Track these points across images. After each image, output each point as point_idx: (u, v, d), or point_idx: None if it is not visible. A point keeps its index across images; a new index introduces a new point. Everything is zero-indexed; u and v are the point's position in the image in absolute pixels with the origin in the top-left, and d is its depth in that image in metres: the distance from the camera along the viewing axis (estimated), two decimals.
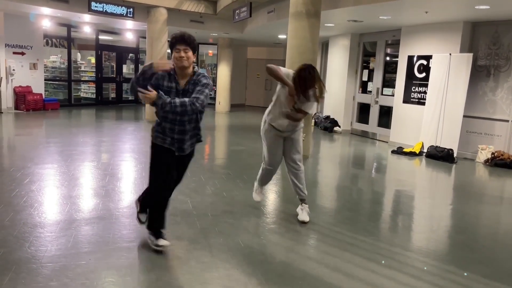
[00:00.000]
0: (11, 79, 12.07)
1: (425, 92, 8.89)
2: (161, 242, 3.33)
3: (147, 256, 3.28)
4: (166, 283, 2.92)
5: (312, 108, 4.14)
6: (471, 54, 8.02)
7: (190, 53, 3.18)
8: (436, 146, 8.26)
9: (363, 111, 11.27)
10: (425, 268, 3.33)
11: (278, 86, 4.10)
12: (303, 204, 4.29)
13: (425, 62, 8.96)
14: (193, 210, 4.41)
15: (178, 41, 3.17)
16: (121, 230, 3.75)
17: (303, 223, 4.14)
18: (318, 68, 12.61)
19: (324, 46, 13.30)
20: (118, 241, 3.52)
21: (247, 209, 4.57)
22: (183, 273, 3.05)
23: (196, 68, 3.33)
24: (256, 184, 4.59)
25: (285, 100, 4.00)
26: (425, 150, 8.49)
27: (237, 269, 3.14)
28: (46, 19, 12.27)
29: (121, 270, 3.03)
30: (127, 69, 16.47)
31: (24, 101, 12.20)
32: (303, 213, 4.22)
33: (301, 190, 4.26)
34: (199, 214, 4.29)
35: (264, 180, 4.53)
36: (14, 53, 12.07)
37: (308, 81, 3.85)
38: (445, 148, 8.07)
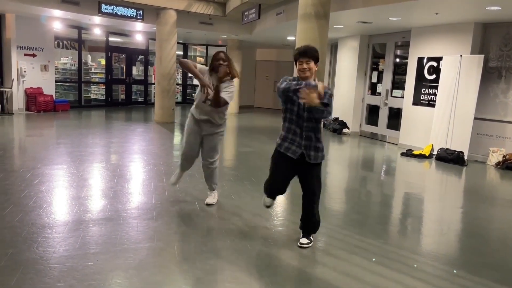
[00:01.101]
0: (23, 81, 12.21)
1: (435, 94, 8.81)
2: (303, 240, 3.65)
3: (154, 258, 3.28)
4: (172, 285, 2.92)
5: (230, 94, 4.27)
6: (482, 56, 7.93)
7: (311, 64, 3.42)
8: (446, 149, 8.18)
9: (372, 113, 11.20)
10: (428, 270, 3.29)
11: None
12: (212, 192, 4.72)
13: (435, 64, 8.88)
14: (201, 212, 4.41)
15: (300, 55, 3.45)
16: (129, 232, 3.76)
17: (207, 205, 4.58)
18: (327, 69, 12.63)
19: (333, 48, 13.26)
20: (126, 242, 3.53)
21: (255, 211, 4.55)
22: (190, 275, 3.04)
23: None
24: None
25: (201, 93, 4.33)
26: (435, 153, 8.41)
27: (243, 272, 3.12)
28: (57, 21, 12.40)
29: (128, 271, 3.03)
30: (136, 70, 16.58)
31: (35, 102, 12.32)
32: (210, 197, 4.68)
33: (212, 183, 4.69)
34: (207, 216, 4.29)
35: (183, 165, 4.75)
36: (25, 54, 12.22)
37: (216, 54, 4.30)
38: (456, 151, 7.98)
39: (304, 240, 3.65)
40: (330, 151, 9.14)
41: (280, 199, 5.16)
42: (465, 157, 7.92)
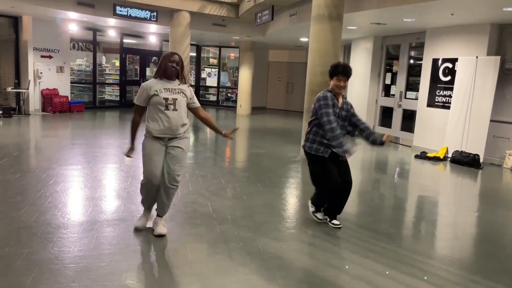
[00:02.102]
0: (39, 82, 12.39)
1: (450, 96, 8.70)
2: (335, 222, 4.20)
3: (167, 259, 3.30)
4: (185, 287, 2.93)
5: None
6: (498, 57, 7.81)
7: (347, 83, 4.05)
8: (462, 151, 8.07)
9: (386, 115, 11.11)
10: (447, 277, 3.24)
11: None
12: (159, 217, 3.81)
13: (450, 65, 8.77)
14: (213, 213, 4.42)
15: (340, 73, 3.98)
16: (142, 233, 3.79)
17: (160, 236, 3.67)
18: None
19: (347, 49, 13.19)
20: (139, 243, 3.56)
21: (267, 213, 4.55)
22: (202, 277, 3.05)
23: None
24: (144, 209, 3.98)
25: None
26: (449, 155, 8.31)
27: (256, 274, 3.12)
28: (73, 23, 12.57)
29: (141, 272, 3.06)
30: (150, 72, 16.70)
31: (51, 103, 12.50)
32: (158, 226, 3.72)
33: (165, 207, 3.79)
34: (219, 217, 4.30)
35: (147, 200, 3.86)
36: (42, 56, 12.40)
37: (170, 55, 3.66)
38: (471, 153, 7.87)
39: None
40: None
41: (293, 201, 5.16)
42: (481, 160, 7.80)
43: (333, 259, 3.52)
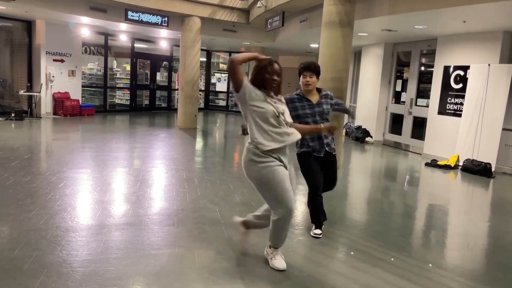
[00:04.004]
0: (51, 86, 12.53)
1: (461, 104, 8.62)
2: (316, 232, 4.10)
3: (174, 265, 3.29)
4: None
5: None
6: (511, 65, 7.72)
7: (314, 78, 4.02)
8: (473, 160, 7.97)
9: (396, 122, 11.03)
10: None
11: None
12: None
13: (462, 73, 8.70)
14: (221, 219, 4.40)
15: (304, 69, 4.00)
16: (150, 237, 3.79)
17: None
18: (350, 77, 12.52)
19: (357, 55, 13.15)
20: (147, 248, 3.55)
21: None
22: (210, 283, 3.03)
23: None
24: (268, 249, 3.41)
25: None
26: (460, 164, 8.21)
27: (263, 281, 3.10)
28: (85, 27, 12.71)
29: (148, 277, 3.05)
30: (160, 76, 16.82)
31: (62, 107, 12.63)
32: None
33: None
34: (227, 223, 4.28)
35: (284, 235, 3.31)
36: (54, 60, 12.55)
37: (271, 65, 3.20)
38: (482, 162, 7.77)
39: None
40: (352, 160, 9.04)
41: (302, 208, 5.12)
42: (493, 169, 7.70)
43: (342, 267, 3.48)
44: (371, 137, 11.37)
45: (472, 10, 6.48)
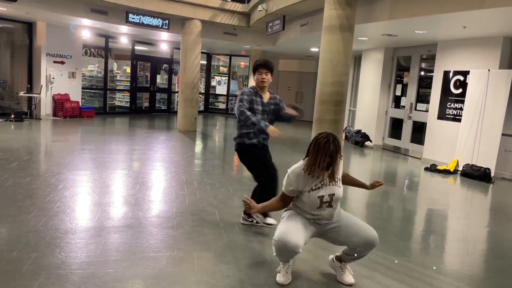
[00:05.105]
0: (51, 87, 12.54)
1: (461, 109, 8.63)
2: (269, 220, 4.25)
3: (173, 268, 3.28)
4: None
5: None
6: (511, 71, 7.74)
7: (269, 76, 4.18)
8: (472, 165, 7.98)
9: (395, 126, 11.05)
10: None
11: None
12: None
13: (462, 78, 8.72)
14: (221, 222, 4.40)
15: (260, 66, 4.14)
16: (149, 240, 3.78)
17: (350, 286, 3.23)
18: (350, 81, 12.55)
19: (357, 60, 13.18)
20: (146, 250, 3.55)
21: (275, 223, 4.51)
22: (209, 287, 3.02)
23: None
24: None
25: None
26: (460, 169, 8.21)
27: (263, 285, 3.09)
28: (86, 29, 12.73)
29: (147, 280, 3.04)
30: (160, 79, 16.83)
31: (62, 109, 12.63)
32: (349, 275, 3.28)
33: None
34: (227, 226, 4.28)
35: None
36: (54, 62, 12.56)
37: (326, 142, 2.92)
38: (482, 167, 7.77)
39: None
40: (351, 164, 9.04)
41: None
42: (492, 174, 7.70)
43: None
44: (371, 141, 11.37)
45: (472, 15, 6.50)
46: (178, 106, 12.83)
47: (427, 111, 9.72)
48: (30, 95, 12.09)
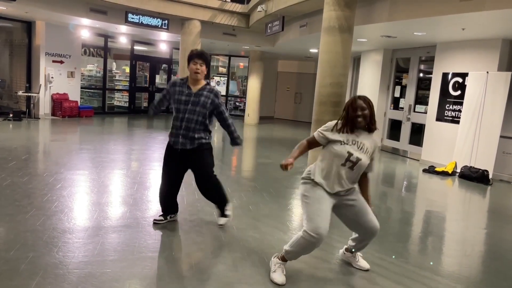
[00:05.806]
0: (50, 87, 12.52)
1: (459, 111, 8.65)
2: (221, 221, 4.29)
3: (171, 267, 3.28)
4: None
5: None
6: (509, 73, 7.75)
7: (204, 67, 3.95)
8: (470, 167, 7.99)
9: (394, 128, 11.05)
10: None
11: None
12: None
13: (460, 80, 8.73)
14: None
15: (195, 56, 3.92)
16: (147, 240, 3.78)
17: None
18: (349, 82, 12.55)
19: (356, 61, 13.19)
20: (143, 250, 3.54)
21: (273, 223, 4.52)
22: (206, 287, 3.02)
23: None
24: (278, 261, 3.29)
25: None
26: (458, 170, 8.22)
27: (260, 286, 3.09)
28: (85, 29, 12.72)
29: (145, 280, 3.04)
30: (159, 79, 16.82)
31: (61, 108, 12.61)
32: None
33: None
34: (224, 227, 4.27)
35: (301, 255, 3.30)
36: (53, 61, 12.54)
37: (354, 101, 3.21)
38: (480, 169, 7.79)
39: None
40: None
41: (299, 211, 5.10)
42: (490, 176, 7.72)
43: (339, 273, 3.48)
44: None
45: (471, 17, 6.52)
46: None
47: (425, 112, 9.74)
48: (29, 94, 12.07)
